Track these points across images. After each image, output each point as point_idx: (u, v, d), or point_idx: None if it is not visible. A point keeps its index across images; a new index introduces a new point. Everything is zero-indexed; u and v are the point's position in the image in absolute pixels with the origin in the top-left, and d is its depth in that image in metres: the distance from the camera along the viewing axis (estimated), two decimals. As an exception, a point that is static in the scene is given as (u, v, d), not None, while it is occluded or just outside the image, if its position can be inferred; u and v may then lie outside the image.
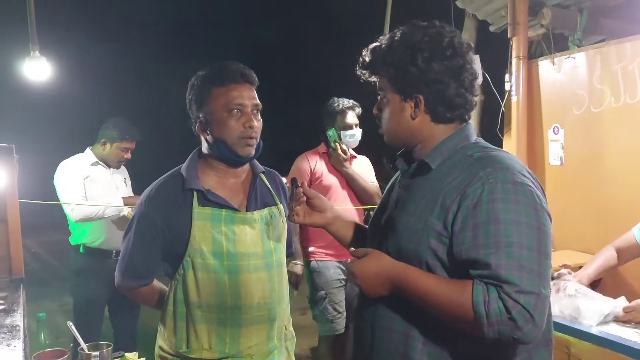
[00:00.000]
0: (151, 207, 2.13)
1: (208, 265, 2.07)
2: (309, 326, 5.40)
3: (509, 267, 1.42)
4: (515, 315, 1.39)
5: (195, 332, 2.10)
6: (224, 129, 2.07)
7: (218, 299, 2.08)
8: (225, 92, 2.07)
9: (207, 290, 2.08)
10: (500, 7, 5.12)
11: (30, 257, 6.43)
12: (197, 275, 2.08)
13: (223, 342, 2.10)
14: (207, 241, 2.07)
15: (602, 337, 2.43)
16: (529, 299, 1.40)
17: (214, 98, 2.08)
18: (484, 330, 1.42)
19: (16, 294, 2.66)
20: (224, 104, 2.07)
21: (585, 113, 4.28)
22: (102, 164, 4.19)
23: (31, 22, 3.87)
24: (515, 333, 1.40)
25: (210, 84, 2.09)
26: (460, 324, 1.49)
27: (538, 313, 1.41)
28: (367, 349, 1.72)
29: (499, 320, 1.40)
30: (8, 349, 1.97)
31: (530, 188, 1.52)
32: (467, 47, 1.67)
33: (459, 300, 1.45)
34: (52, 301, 6.12)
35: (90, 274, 4.02)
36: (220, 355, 2.10)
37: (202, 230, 2.07)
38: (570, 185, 4.46)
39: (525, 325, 1.39)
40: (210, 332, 2.09)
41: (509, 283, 1.40)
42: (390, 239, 1.65)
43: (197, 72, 2.15)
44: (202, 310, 2.09)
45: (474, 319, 1.43)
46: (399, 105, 1.68)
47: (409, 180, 1.73)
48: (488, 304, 1.40)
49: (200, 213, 2.08)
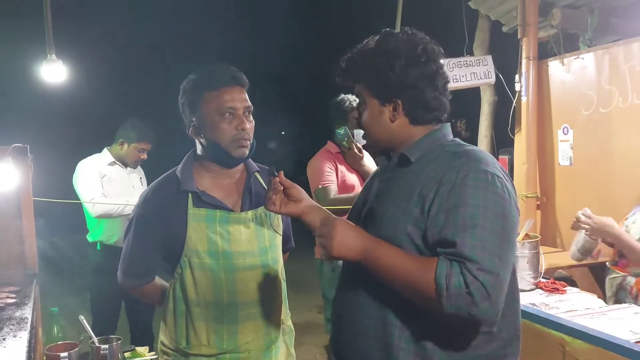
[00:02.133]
0: (147, 208, 2.19)
1: (204, 265, 2.13)
2: (323, 325, 5.47)
3: (473, 246, 1.49)
4: (473, 290, 1.45)
5: (194, 329, 2.16)
6: (217, 132, 2.12)
7: (215, 296, 2.14)
8: (217, 96, 2.11)
9: (204, 288, 2.14)
10: (512, 7, 5.13)
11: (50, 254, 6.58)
12: (194, 274, 2.14)
13: (220, 338, 2.16)
14: (203, 241, 2.13)
15: (597, 336, 2.45)
16: (488, 277, 1.46)
17: (205, 102, 2.13)
18: (442, 302, 1.48)
19: (29, 289, 2.74)
20: (215, 108, 2.11)
21: (594, 113, 4.28)
22: (119, 163, 4.31)
23: (48, 26, 3.96)
24: (471, 309, 1.46)
25: (201, 89, 2.14)
26: (422, 299, 1.55)
27: (495, 292, 1.47)
28: (348, 336, 1.79)
29: (457, 294, 1.46)
30: (14, 339, 2.04)
31: (501, 179, 1.60)
32: (438, 53, 1.75)
33: (423, 273, 1.52)
34: (72, 297, 6.27)
35: (106, 270, 4.07)
36: (218, 351, 2.16)
37: (198, 230, 2.13)
38: (580, 185, 4.47)
39: (481, 302, 1.45)
40: (209, 328, 2.16)
41: (471, 260, 1.47)
42: (370, 229, 1.71)
43: (189, 75, 2.20)
44: (200, 308, 2.15)
45: (435, 292, 1.49)
46: (378, 109, 1.76)
47: (389, 174, 1.81)
48: (449, 277, 1.47)
49: (195, 214, 2.14)
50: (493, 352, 1.66)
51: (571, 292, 3.08)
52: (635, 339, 2.39)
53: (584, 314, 2.72)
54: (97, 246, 4.21)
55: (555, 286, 3.10)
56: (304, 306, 6.48)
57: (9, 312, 2.38)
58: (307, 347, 5.27)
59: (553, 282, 3.15)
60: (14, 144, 2.97)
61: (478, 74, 4.97)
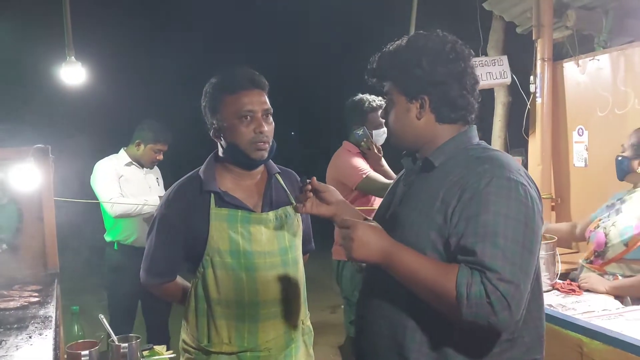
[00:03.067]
0: (171, 208, 2.23)
1: (226, 264, 2.17)
2: (338, 325, 5.48)
3: (494, 256, 1.49)
4: (494, 300, 1.46)
5: (215, 327, 2.19)
6: (236, 134, 2.16)
7: (236, 295, 2.18)
8: (236, 100, 2.15)
9: (225, 287, 2.18)
10: (526, 9, 5.12)
11: (70, 253, 6.65)
12: (216, 273, 2.17)
13: (242, 337, 2.19)
14: (224, 241, 2.16)
15: (614, 337, 2.45)
16: (508, 287, 1.47)
17: (225, 105, 2.17)
18: (462, 310, 1.49)
19: (50, 287, 2.79)
20: (234, 111, 2.15)
21: (610, 115, 4.27)
22: (135, 164, 4.35)
23: (67, 29, 4.02)
24: (491, 318, 1.48)
25: (221, 92, 2.18)
26: (442, 305, 1.56)
27: (515, 303, 1.48)
28: (367, 337, 1.82)
29: (477, 303, 1.48)
30: (40, 337, 2.09)
31: (524, 186, 1.60)
32: (468, 53, 1.77)
33: (444, 279, 1.53)
34: (89, 296, 6.32)
35: (124, 269, 4.15)
36: (239, 349, 2.19)
37: (219, 230, 2.16)
38: (595, 186, 4.45)
39: (501, 311, 1.47)
40: (230, 327, 2.19)
41: (492, 270, 1.48)
42: (393, 233, 1.72)
43: (211, 79, 2.24)
44: (221, 307, 2.19)
45: (455, 299, 1.50)
46: (405, 106, 1.77)
47: (413, 178, 1.82)
48: (470, 286, 1.48)
49: (217, 214, 2.17)
50: (515, 358, 1.66)
51: (587, 293, 3.08)
52: (654, 340, 2.39)
53: (601, 315, 2.73)
54: (115, 246, 4.26)
55: (572, 287, 3.10)
56: (318, 306, 6.50)
57: (32, 310, 2.44)
58: (322, 347, 5.28)
59: (569, 284, 3.16)
60: (36, 145, 3.02)
61: (494, 73, 4.97)
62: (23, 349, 1.97)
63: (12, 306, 2.47)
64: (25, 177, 2.99)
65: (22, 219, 3.10)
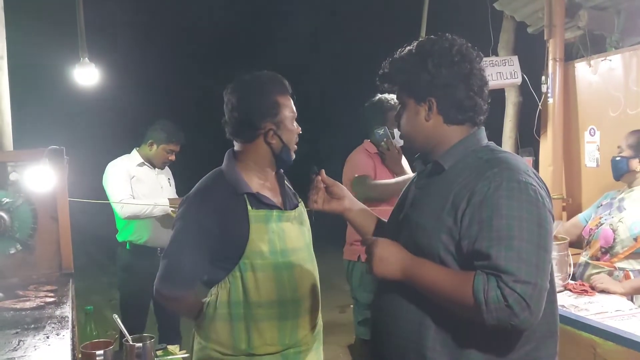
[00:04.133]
0: (204, 212, 2.17)
1: (268, 265, 2.17)
2: (347, 324, 5.49)
3: (509, 258, 1.52)
4: (512, 303, 1.49)
5: (257, 330, 2.17)
6: (289, 134, 2.26)
7: (279, 294, 2.19)
8: (288, 101, 2.27)
9: (267, 288, 2.17)
10: (537, 8, 5.10)
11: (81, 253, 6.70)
12: (257, 276, 2.16)
13: (283, 335, 2.21)
14: (265, 241, 2.17)
15: (628, 337, 2.46)
16: (525, 288, 1.50)
17: (281, 106, 2.24)
18: (483, 316, 1.53)
19: (65, 288, 2.82)
20: (289, 112, 2.26)
21: (622, 115, 4.26)
22: (147, 164, 4.37)
23: (81, 31, 4.05)
24: (513, 320, 1.51)
25: (274, 93, 2.24)
26: (463, 312, 1.60)
27: (534, 302, 1.51)
28: (385, 337, 1.84)
29: (496, 307, 1.51)
30: (57, 337, 2.11)
31: (534, 187, 1.62)
32: (476, 55, 1.80)
33: (462, 289, 1.57)
34: (101, 295, 6.35)
35: (136, 269, 4.18)
36: (282, 348, 2.21)
37: (259, 232, 2.17)
38: (606, 187, 4.42)
39: (521, 312, 1.50)
40: (272, 327, 2.19)
41: (508, 273, 1.51)
42: (406, 235, 1.77)
43: (244, 79, 2.27)
44: (263, 308, 2.17)
45: (474, 306, 1.54)
46: (414, 109, 1.82)
47: (424, 181, 1.85)
48: (487, 292, 1.52)
49: (255, 215, 2.18)
50: (527, 353, 1.68)
51: (600, 293, 3.08)
52: (667, 341, 2.39)
53: (614, 315, 2.73)
54: (127, 246, 4.28)
55: (584, 288, 3.10)
56: (326, 306, 6.48)
57: (49, 310, 2.46)
58: (330, 346, 5.29)
59: (582, 284, 3.16)
60: (51, 146, 3.05)
61: (504, 74, 4.96)
62: (41, 349, 1.99)
63: (29, 306, 2.50)
64: (40, 178, 3.01)
65: (37, 219, 3.12)
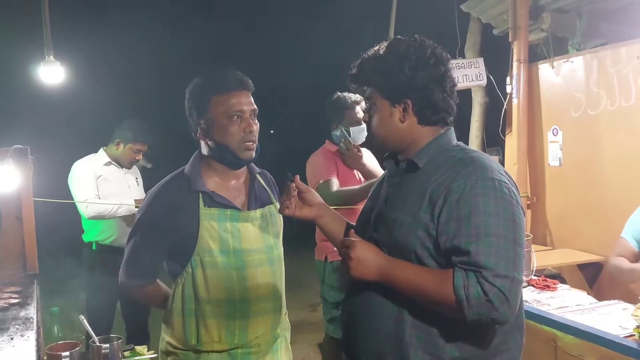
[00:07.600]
0: (157, 209, 2.22)
1: (217, 263, 2.18)
2: (317, 323, 5.51)
3: (487, 254, 1.56)
4: (492, 297, 1.53)
5: (205, 327, 2.19)
6: (226, 134, 2.19)
7: (227, 294, 2.19)
8: (225, 100, 2.18)
9: (216, 286, 2.18)
10: (503, 10, 5.20)
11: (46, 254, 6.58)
12: (205, 273, 2.17)
13: (232, 334, 2.20)
14: (215, 240, 2.18)
15: (587, 331, 2.52)
16: (504, 282, 1.54)
17: (214, 105, 2.19)
18: (465, 312, 1.57)
19: (30, 289, 2.77)
20: (224, 111, 2.18)
21: (583, 115, 4.37)
22: (114, 164, 4.32)
23: (46, 27, 3.97)
24: (493, 314, 1.55)
25: (209, 92, 2.20)
26: (444, 309, 1.63)
27: (512, 295, 1.55)
28: (360, 333, 1.85)
29: (477, 303, 1.55)
30: (22, 339, 2.09)
31: (507, 185, 1.67)
32: (446, 57, 1.83)
33: (442, 286, 1.60)
34: (66, 297, 6.25)
35: (102, 270, 4.11)
36: (229, 347, 2.21)
37: (210, 229, 2.18)
38: (569, 186, 4.56)
39: (501, 306, 1.54)
40: (220, 325, 2.20)
41: (487, 268, 1.55)
42: (382, 233, 1.79)
43: (195, 80, 2.25)
44: (211, 305, 2.19)
45: (455, 303, 1.58)
46: (389, 110, 1.82)
47: (397, 179, 1.87)
48: (467, 288, 1.55)
49: (207, 214, 2.18)
50: (496, 345, 1.72)
51: (561, 289, 3.15)
52: (625, 333, 2.46)
53: (575, 310, 2.79)
54: (93, 246, 4.23)
55: (547, 283, 3.16)
56: (296, 305, 6.53)
57: (13, 312, 2.43)
58: (301, 345, 5.31)
59: (544, 280, 3.22)
60: (15, 146, 3.01)
61: (470, 76, 5.05)
62: (5, 351, 1.97)
63: (-8, 308, 2.47)
64: (4, 178, 2.97)
65: (1, 220, 3.07)
